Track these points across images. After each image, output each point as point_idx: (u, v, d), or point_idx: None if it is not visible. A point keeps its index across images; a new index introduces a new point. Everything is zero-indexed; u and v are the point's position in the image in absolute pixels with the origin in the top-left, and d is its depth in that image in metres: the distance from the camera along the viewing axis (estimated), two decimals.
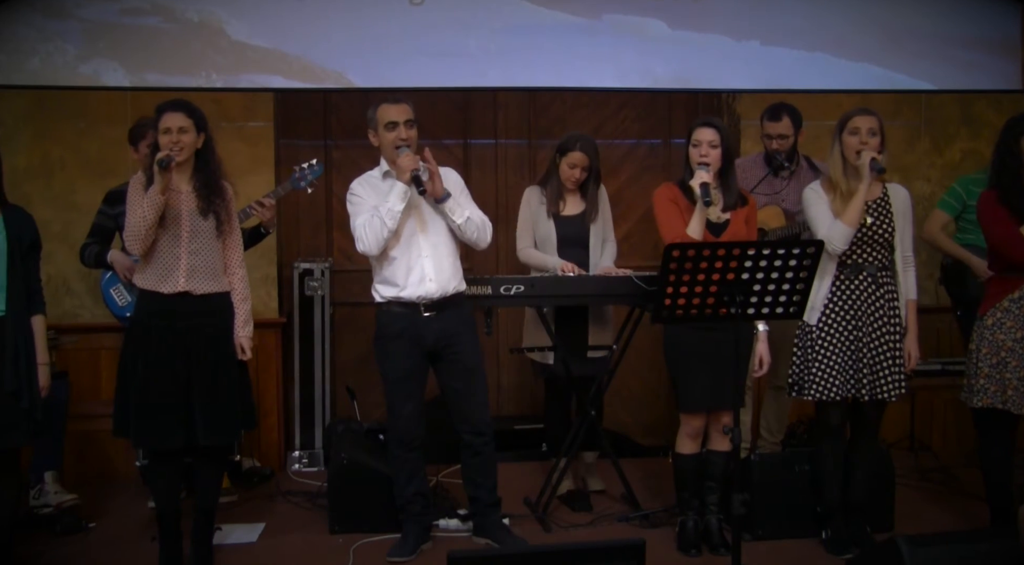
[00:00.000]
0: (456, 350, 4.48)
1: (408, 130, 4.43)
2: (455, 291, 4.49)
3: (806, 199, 4.42)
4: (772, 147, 5.27)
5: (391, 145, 4.43)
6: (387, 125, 4.45)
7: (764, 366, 4.52)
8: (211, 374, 4.16)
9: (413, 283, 4.42)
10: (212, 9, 5.60)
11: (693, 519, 4.53)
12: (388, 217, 4.34)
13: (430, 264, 4.43)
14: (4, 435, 4.06)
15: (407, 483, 4.55)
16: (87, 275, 5.68)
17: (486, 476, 4.59)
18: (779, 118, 5.26)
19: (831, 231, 4.26)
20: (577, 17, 5.82)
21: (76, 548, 4.66)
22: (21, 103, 5.77)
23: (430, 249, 4.45)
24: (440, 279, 4.43)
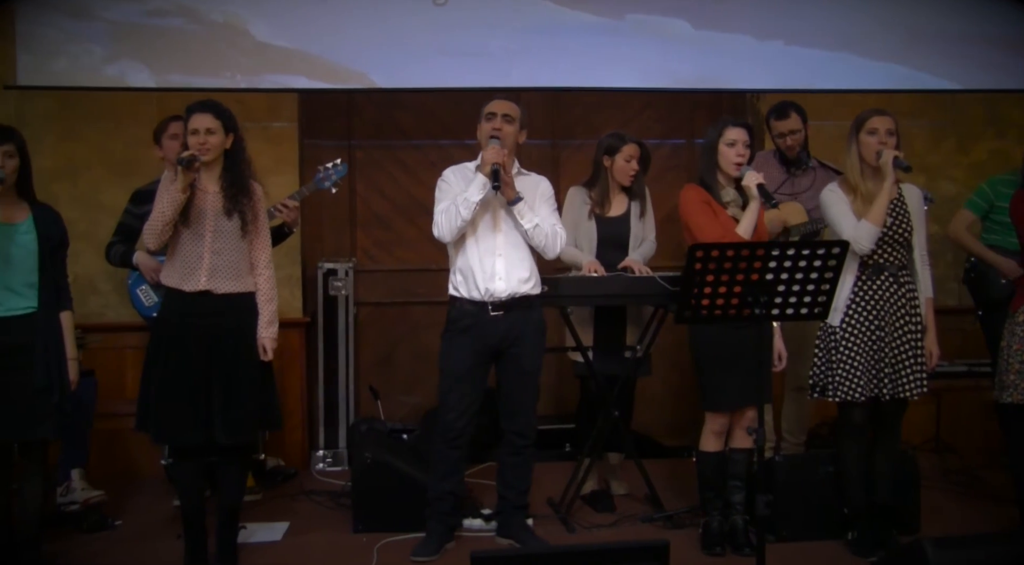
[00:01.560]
0: (518, 352, 4.48)
1: (505, 124, 4.46)
2: (525, 293, 4.48)
3: (826, 201, 4.39)
4: (787, 144, 5.27)
5: (486, 136, 4.46)
6: (487, 115, 4.50)
7: (782, 360, 4.52)
8: (230, 373, 4.18)
9: (483, 280, 4.42)
10: (236, 10, 5.62)
11: (717, 519, 4.52)
12: (463, 206, 4.36)
13: (502, 263, 4.44)
14: (35, 428, 4.14)
15: (442, 479, 4.54)
16: (113, 275, 5.72)
17: (520, 479, 4.59)
18: (787, 115, 5.26)
19: (858, 231, 4.24)
20: (600, 17, 5.82)
21: (102, 545, 4.69)
22: (48, 104, 5.81)
23: (505, 248, 4.46)
24: (510, 279, 4.44)
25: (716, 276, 3.71)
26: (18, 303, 4.12)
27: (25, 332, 4.11)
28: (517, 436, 4.56)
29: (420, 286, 6.40)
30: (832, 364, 4.33)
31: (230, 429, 4.15)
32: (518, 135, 4.55)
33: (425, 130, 6.41)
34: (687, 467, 5.35)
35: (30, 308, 4.14)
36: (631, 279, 4.84)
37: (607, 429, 4.97)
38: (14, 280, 4.12)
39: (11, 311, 4.11)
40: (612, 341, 5.07)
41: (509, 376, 4.53)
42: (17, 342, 4.09)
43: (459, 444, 4.53)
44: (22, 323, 4.12)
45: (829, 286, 3.79)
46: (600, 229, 5.05)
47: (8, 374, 4.07)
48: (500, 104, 4.52)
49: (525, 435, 4.56)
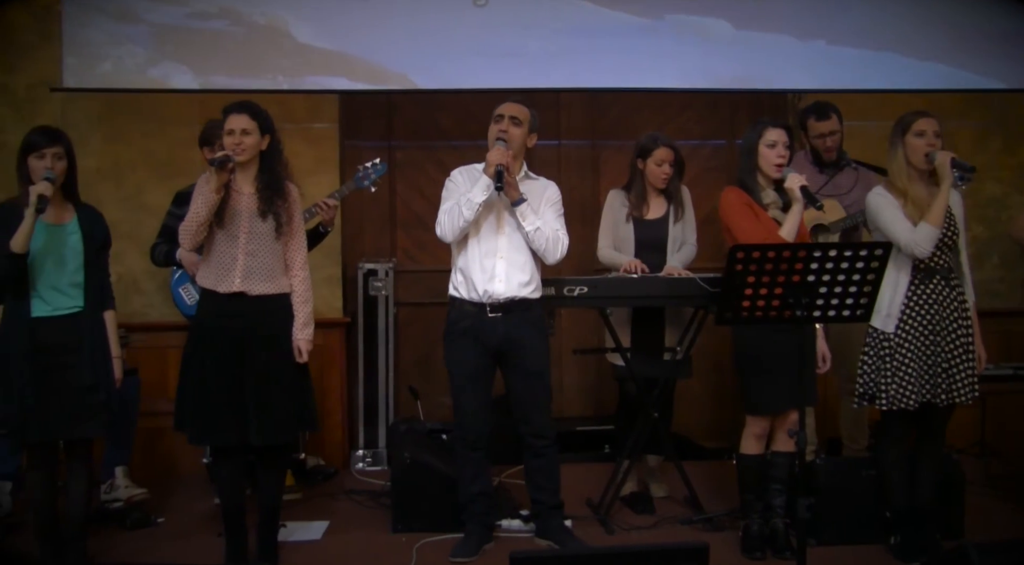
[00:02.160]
0: (521, 354, 4.47)
1: (512, 126, 4.47)
2: (523, 296, 4.47)
3: (874, 204, 4.29)
4: (825, 145, 5.23)
5: (493, 137, 4.47)
6: (495, 117, 4.52)
7: (827, 362, 4.48)
8: (264, 375, 4.20)
9: (482, 281, 4.43)
10: (277, 12, 5.64)
11: (758, 523, 4.49)
12: (466, 207, 4.37)
13: (503, 265, 4.44)
14: (82, 425, 4.19)
15: (471, 482, 4.56)
16: (156, 274, 5.77)
17: (548, 479, 4.58)
18: (827, 116, 5.24)
19: (918, 235, 4.15)
20: (640, 18, 5.79)
21: (145, 542, 4.74)
22: (93, 106, 5.88)
23: (507, 251, 4.46)
24: (510, 282, 4.43)
25: (757, 278, 3.69)
26: (64, 303, 4.18)
27: (71, 331, 4.17)
28: (535, 438, 4.54)
29: None
30: (884, 371, 4.24)
31: (265, 430, 4.18)
32: (527, 138, 4.55)
33: (465, 131, 6.42)
34: (727, 469, 5.32)
35: (76, 308, 4.19)
36: (671, 280, 4.82)
37: (646, 431, 4.95)
38: (61, 280, 4.17)
39: (58, 310, 4.17)
40: (650, 343, 5.05)
41: (517, 380, 4.52)
42: (64, 341, 4.15)
43: (479, 445, 4.54)
44: (68, 322, 4.17)
45: (871, 288, 3.76)
46: (638, 232, 5.04)
47: (55, 373, 4.12)
48: (509, 106, 4.53)
49: (543, 435, 4.54)
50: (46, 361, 4.12)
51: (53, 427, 4.14)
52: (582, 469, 5.56)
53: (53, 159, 4.11)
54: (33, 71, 5.83)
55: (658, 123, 6.39)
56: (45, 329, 4.13)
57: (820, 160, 5.30)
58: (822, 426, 5.51)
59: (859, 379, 4.36)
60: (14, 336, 4.13)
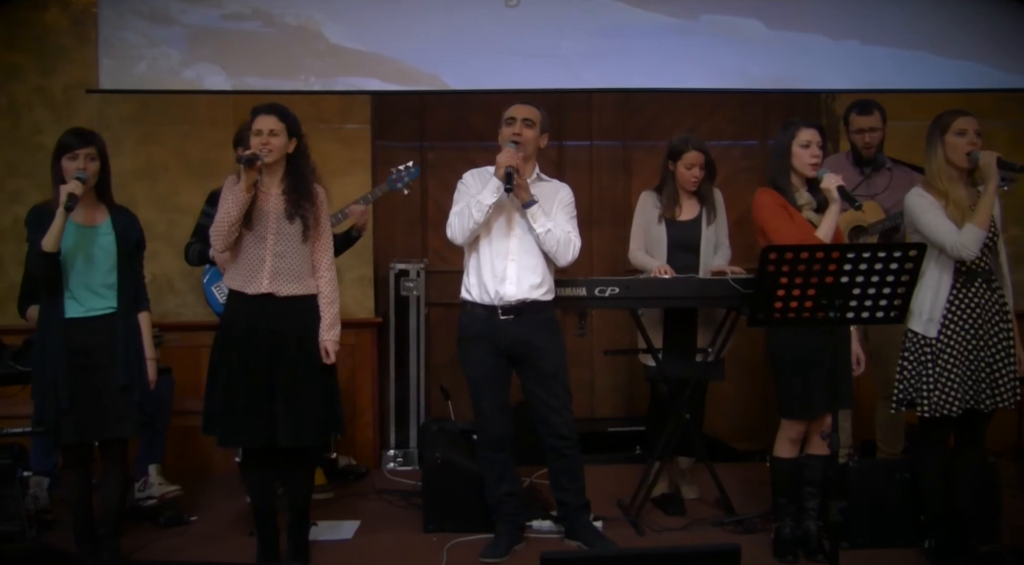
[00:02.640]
0: (535, 356, 4.46)
1: (524, 128, 4.46)
2: (534, 298, 4.46)
3: (915, 206, 4.19)
4: (864, 141, 5.20)
5: (505, 139, 4.47)
6: (507, 120, 4.52)
7: (862, 364, 4.44)
8: (293, 376, 4.20)
9: (493, 283, 4.43)
10: (310, 13, 5.67)
11: (790, 525, 4.46)
12: (476, 209, 4.37)
13: (513, 268, 4.43)
14: (117, 426, 4.22)
15: (497, 484, 4.56)
16: (190, 274, 5.82)
17: (572, 479, 4.57)
18: (870, 112, 5.20)
19: (964, 237, 4.06)
20: (673, 18, 5.77)
21: (178, 540, 4.77)
22: (128, 107, 5.94)
23: (518, 253, 4.45)
24: (521, 284, 4.43)
25: (790, 279, 3.67)
26: (98, 303, 4.21)
27: (105, 332, 4.20)
28: (556, 439, 4.52)
29: None
30: (925, 377, 4.16)
31: (292, 432, 4.18)
32: (539, 139, 4.54)
33: (496, 131, 6.38)
34: (758, 471, 5.30)
35: (110, 308, 4.22)
36: (702, 281, 4.81)
37: (678, 432, 4.94)
38: (94, 281, 4.20)
39: (92, 311, 4.20)
40: (683, 344, 5.03)
41: (533, 381, 4.51)
42: (97, 342, 4.18)
43: (502, 447, 4.55)
44: (102, 323, 4.21)
45: (905, 289, 3.73)
46: (670, 233, 5.02)
47: (90, 373, 4.16)
48: (520, 108, 4.53)
49: (564, 435, 4.52)
50: (80, 362, 4.15)
51: (87, 428, 4.18)
52: (613, 470, 5.56)
53: (86, 160, 4.14)
54: (70, 73, 5.89)
55: (690, 124, 6.37)
56: (79, 330, 4.17)
57: (860, 159, 5.26)
58: (857, 428, 5.46)
59: (898, 384, 4.28)
60: (49, 337, 4.17)
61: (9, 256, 5.86)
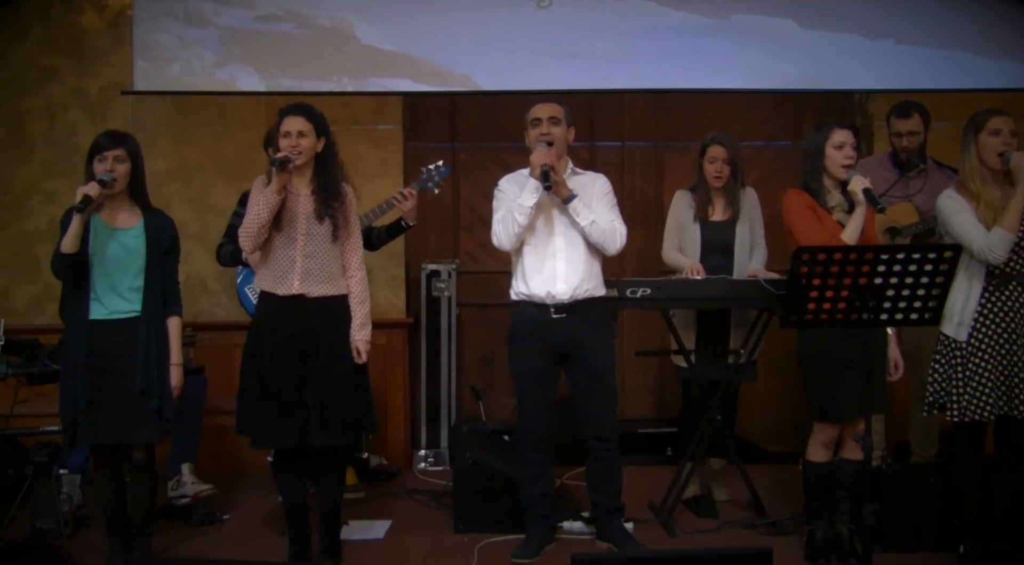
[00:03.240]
0: (584, 354, 4.44)
1: (551, 126, 4.45)
2: (587, 295, 4.45)
3: (945, 208, 4.15)
4: (902, 145, 5.16)
5: (534, 141, 4.46)
6: (532, 122, 4.50)
7: (899, 369, 4.39)
8: (325, 376, 4.20)
9: (544, 283, 4.42)
10: (343, 15, 5.68)
11: (822, 528, 4.42)
12: (519, 212, 4.37)
13: (563, 265, 4.42)
14: (134, 431, 4.20)
15: (533, 484, 4.55)
16: (223, 275, 5.86)
17: (609, 482, 4.56)
18: (909, 115, 5.15)
19: (992, 240, 4.00)
20: (705, 18, 5.74)
21: (211, 538, 4.80)
22: (162, 109, 5.99)
23: (565, 250, 4.44)
24: (571, 281, 4.41)
25: (823, 280, 3.65)
26: (122, 306, 4.19)
27: (128, 335, 4.18)
28: (598, 441, 4.51)
29: None
30: (955, 381, 4.12)
31: (326, 432, 4.19)
32: (567, 134, 4.53)
33: None
34: (790, 473, 5.27)
35: (134, 312, 4.20)
36: (734, 282, 4.79)
37: (709, 433, 4.92)
38: (120, 283, 4.19)
39: (115, 314, 4.19)
40: (715, 345, 5.01)
41: (580, 381, 4.49)
42: (119, 345, 4.16)
43: (543, 447, 4.53)
44: (125, 326, 4.18)
45: (940, 291, 3.69)
46: (704, 233, 5.01)
47: (109, 376, 4.15)
48: (543, 108, 4.51)
49: (606, 438, 4.51)
50: (100, 364, 4.14)
51: (104, 431, 4.17)
52: (644, 471, 5.54)
53: (114, 162, 4.15)
54: (105, 75, 5.95)
55: (722, 124, 6.34)
56: (101, 332, 4.16)
57: (899, 161, 5.22)
58: (891, 432, 5.42)
59: (929, 387, 4.24)
60: (72, 337, 4.18)
61: (46, 256, 5.84)
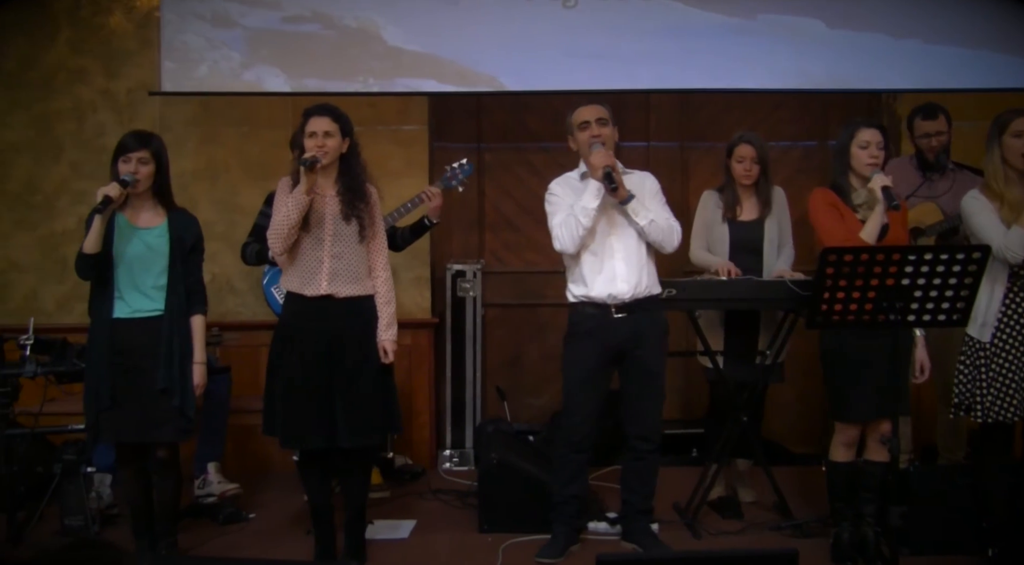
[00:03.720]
0: (641, 353, 4.43)
1: (600, 127, 4.44)
2: (647, 294, 4.44)
3: (968, 208, 4.17)
4: (931, 145, 5.13)
5: (586, 144, 4.44)
6: (580, 125, 4.48)
7: (925, 372, 4.36)
8: (352, 376, 4.21)
9: (604, 283, 4.40)
10: (369, 15, 5.69)
11: (848, 530, 4.40)
12: (583, 215, 4.35)
13: (622, 265, 4.41)
14: (156, 430, 4.23)
15: (567, 484, 4.53)
16: (249, 274, 5.88)
17: (644, 483, 4.54)
18: (935, 116, 5.13)
19: (1009, 239, 4.00)
20: (731, 17, 5.72)
21: (237, 537, 4.83)
22: (189, 109, 6.02)
23: (623, 250, 4.42)
24: (631, 280, 4.40)
25: (849, 281, 3.63)
26: (146, 305, 4.22)
27: (151, 334, 4.20)
28: (641, 440, 4.50)
29: (548, 288, 6.41)
30: (979, 382, 4.11)
31: (353, 432, 4.20)
32: (613, 133, 4.52)
33: (553, 132, 6.39)
34: (817, 475, 5.23)
35: (157, 311, 4.23)
36: (760, 283, 4.77)
37: (735, 434, 4.90)
38: (144, 282, 4.22)
39: (138, 313, 4.22)
40: (744, 346, 4.98)
41: (633, 379, 4.48)
42: (142, 344, 4.19)
43: (583, 448, 4.51)
44: (148, 325, 4.21)
45: (968, 292, 3.67)
46: (732, 233, 4.99)
47: (132, 375, 4.18)
48: (589, 110, 4.49)
49: (649, 439, 4.50)
50: (122, 362, 4.18)
51: (126, 429, 4.21)
52: (669, 472, 5.50)
53: (138, 163, 4.18)
54: (133, 76, 5.99)
55: (749, 124, 6.31)
56: (125, 331, 4.19)
57: (924, 163, 5.19)
58: (918, 434, 5.39)
59: (955, 388, 4.23)
60: (96, 336, 4.22)
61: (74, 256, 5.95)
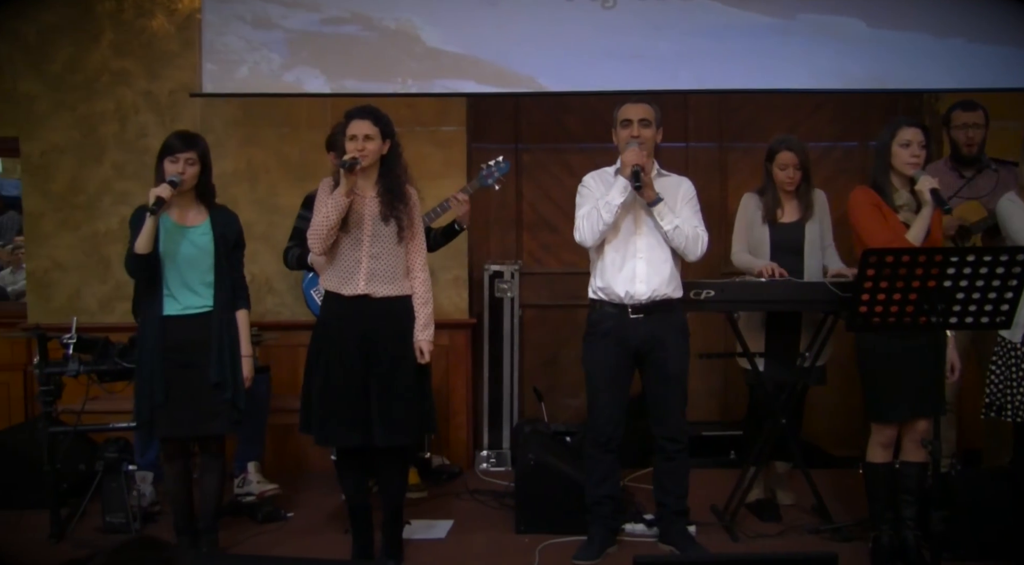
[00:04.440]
0: (661, 355, 4.43)
1: (642, 128, 4.43)
2: (665, 297, 4.43)
3: (1005, 210, 4.17)
4: (967, 137, 5.09)
5: (623, 141, 4.44)
6: (622, 122, 4.48)
7: (955, 372, 4.33)
8: (389, 376, 4.23)
9: (623, 282, 4.40)
10: (408, 17, 5.70)
11: (888, 534, 4.36)
12: (605, 210, 4.35)
13: (643, 266, 4.41)
14: (209, 423, 4.31)
15: (599, 485, 4.54)
16: (288, 275, 5.92)
17: (676, 483, 4.53)
18: (975, 108, 5.12)
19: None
20: (771, 17, 5.68)
21: (276, 536, 4.86)
22: (230, 110, 6.07)
23: (646, 251, 4.42)
24: (651, 282, 4.39)
25: (890, 282, 3.60)
26: (195, 302, 4.30)
27: (201, 330, 4.28)
28: (668, 441, 4.50)
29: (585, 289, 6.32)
30: (1010, 382, 4.09)
31: (389, 432, 4.21)
32: (656, 136, 4.51)
33: (592, 133, 6.41)
34: (857, 478, 5.18)
35: (206, 307, 4.31)
36: (799, 284, 4.73)
37: (774, 437, 4.87)
38: (192, 279, 4.29)
39: (188, 309, 4.29)
40: (784, 348, 4.95)
41: (654, 381, 4.47)
42: (194, 339, 4.27)
43: (611, 448, 4.51)
44: (198, 321, 4.29)
45: (1013, 294, 3.62)
46: (773, 235, 4.95)
47: (185, 370, 4.25)
48: (634, 109, 4.48)
49: (676, 439, 4.49)
50: (176, 358, 4.25)
51: (180, 424, 4.28)
52: (707, 475, 5.50)
53: (185, 164, 4.24)
54: (175, 78, 6.04)
55: (788, 125, 6.28)
56: (175, 327, 4.27)
57: (960, 160, 5.14)
58: (962, 437, 5.33)
59: (986, 389, 4.22)
60: (147, 334, 4.28)
61: (117, 256, 6.03)
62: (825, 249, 4.99)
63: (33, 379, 5.10)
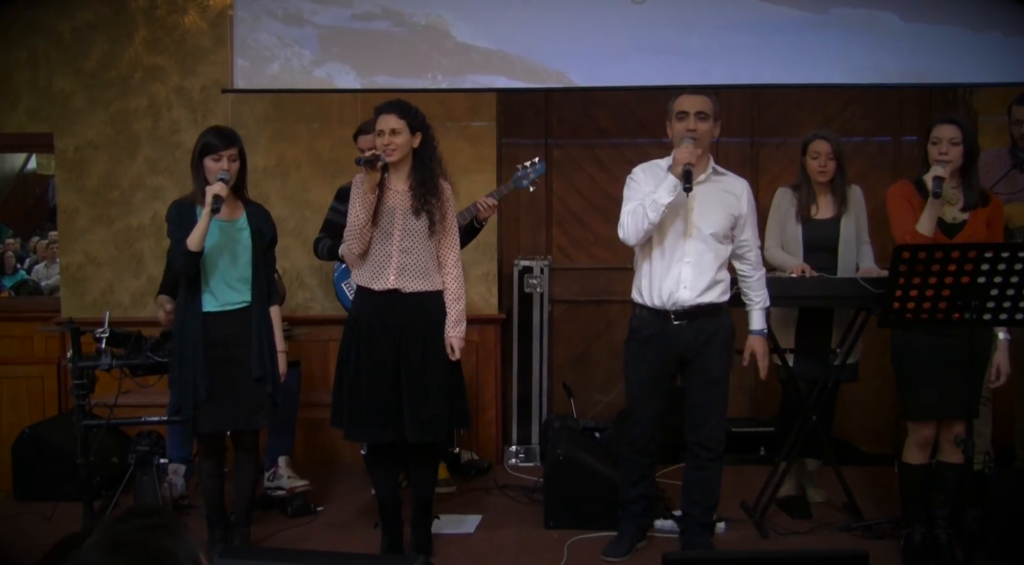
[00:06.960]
0: (703, 360, 4.27)
1: (699, 121, 4.16)
2: (711, 302, 4.24)
3: None
4: (1021, 132, 4.98)
5: (678, 136, 4.18)
6: (678, 114, 4.20)
7: (1003, 377, 4.25)
8: (419, 372, 4.22)
9: (668, 287, 4.22)
10: (439, 12, 5.71)
11: (920, 533, 4.32)
12: (652, 209, 4.09)
13: (689, 270, 4.21)
14: (252, 417, 4.35)
15: (633, 485, 4.49)
16: (319, 269, 5.94)
17: (705, 494, 4.39)
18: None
19: None
20: (804, 12, 5.63)
21: (306, 530, 4.89)
22: (261, 106, 6.09)
23: (695, 254, 4.21)
24: (696, 287, 4.20)
25: (923, 278, 3.57)
26: (233, 298, 4.32)
27: (240, 325, 4.31)
28: (702, 449, 4.34)
29: (615, 284, 6.38)
30: None
31: (420, 428, 4.21)
32: (712, 130, 4.27)
33: (622, 128, 6.40)
34: (888, 475, 5.16)
35: (244, 302, 4.34)
36: (831, 280, 4.69)
37: (805, 434, 4.84)
38: (232, 275, 4.32)
39: (227, 305, 4.31)
40: (817, 344, 4.90)
41: (695, 385, 4.32)
42: (234, 335, 4.30)
43: (649, 451, 4.45)
44: (237, 317, 4.32)
45: None
46: (807, 232, 4.89)
47: (226, 366, 4.28)
48: (691, 100, 4.20)
49: (711, 447, 4.33)
50: (217, 354, 4.27)
51: (223, 419, 4.31)
52: (737, 471, 5.48)
53: (228, 161, 4.26)
54: (207, 74, 6.08)
55: (821, 119, 6.23)
56: (216, 323, 4.29)
57: (1019, 156, 5.05)
58: (997, 436, 5.27)
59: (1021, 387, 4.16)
60: (188, 330, 4.30)
61: (149, 251, 6.09)
62: (860, 246, 4.94)
63: (66, 373, 5.15)
